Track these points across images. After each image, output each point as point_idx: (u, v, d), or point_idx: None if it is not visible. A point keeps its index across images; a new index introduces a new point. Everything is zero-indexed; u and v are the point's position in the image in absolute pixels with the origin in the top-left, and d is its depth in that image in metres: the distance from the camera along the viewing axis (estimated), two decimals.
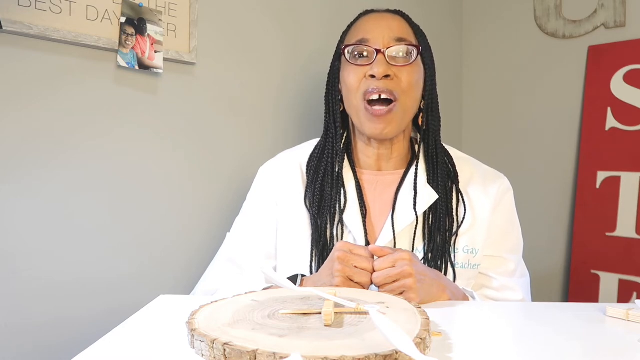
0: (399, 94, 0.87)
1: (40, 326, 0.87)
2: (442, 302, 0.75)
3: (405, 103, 0.88)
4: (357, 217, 0.89)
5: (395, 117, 0.88)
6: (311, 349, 0.44)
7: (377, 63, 0.86)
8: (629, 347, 0.54)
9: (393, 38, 0.88)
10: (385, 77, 0.86)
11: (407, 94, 0.88)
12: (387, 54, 0.87)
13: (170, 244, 1.05)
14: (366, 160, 0.96)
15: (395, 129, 0.90)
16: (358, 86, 0.89)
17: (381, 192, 0.93)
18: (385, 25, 0.90)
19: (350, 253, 0.73)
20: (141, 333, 0.57)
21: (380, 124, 0.88)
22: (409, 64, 0.88)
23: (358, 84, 0.89)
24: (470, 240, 0.90)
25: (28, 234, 0.86)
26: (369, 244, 0.88)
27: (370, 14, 0.95)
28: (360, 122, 0.91)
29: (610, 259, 1.54)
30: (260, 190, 0.98)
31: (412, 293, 0.70)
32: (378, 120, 0.88)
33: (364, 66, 0.88)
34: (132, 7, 0.94)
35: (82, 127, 0.92)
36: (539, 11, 1.74)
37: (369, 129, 0.89)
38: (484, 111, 1.89)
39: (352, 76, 0.89)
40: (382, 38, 0.88)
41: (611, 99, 1.58)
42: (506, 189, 0.96)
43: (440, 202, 0.90)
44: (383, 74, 0.86)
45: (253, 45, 1.19)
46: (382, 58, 0.87)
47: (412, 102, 0.90)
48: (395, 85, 0.87)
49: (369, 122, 0.89)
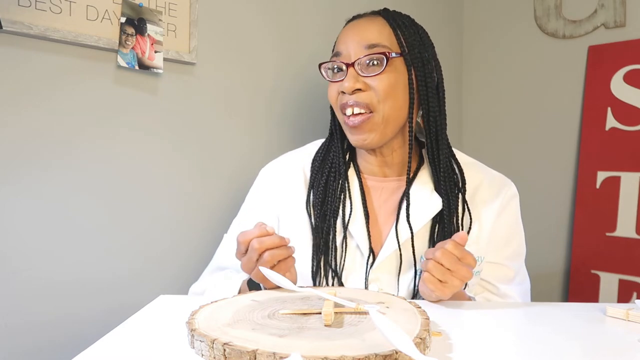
0: (375, 104, 0.85)
1: (40, 326, 0.87)
2: (442, 302, 0.75)
3: (384, 111, 0.86)
4: (361, 225, 0.88)
5: (374, 126, 0.86)
6: (311, 348, 0.44)
7: (347, 78, 0.85)
8: (629, 347, 0.54)
9: (364, 46, 0.85)
10: (356, 91, 0.85)
11: (384, 102, 0.85)
12: (358, 65, 0.85)
13: (170, 244, 1.05)
14: (369, 167, 0.94)
15: (379, 138, 0.87)
16: (335, 101, 0.89)
17: (386, 199, 0.92)
18: (357, 33, 0.87)
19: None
20: (141, 333, 0.57)
21: (359, 135, 0.87)
22: (382, 72, 0.85)
23: (336, 99, 0.89)
24: (475, 248, 0.88)
25: (28, 234, 0.86)
26: (373, 251, 0.87)
27: (350, 22, 0.92)
28: (346, 134, 0.91)
29: (610, 259, 1.54)
30: (260, 192, 0.97)
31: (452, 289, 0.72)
32: (356, 132, 0.87)
33: (338, 82, 0.88)
34: (132, 7, 0.94)
35: (82, 127, 0.92)
36: (539, 11, 1.74)
37: (352, 140, 0.89)
38: (484, 111, 1.89)
39: (330, 92, 0.90)
40: (353, 49, 0.86)
41: (611, 99, 1.58)
42: (512, 195, 0.94)
43: (446, 210, 0.88)
44: (351, 89, 0.85)
45: (253, 46, 1.19)
46: (353, 71, 0.85)
47: (394, 109, 0.86)
48: (369, 96, 0.85)
49: (350, 134, 0.89)
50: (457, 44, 1.92)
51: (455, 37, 1.91)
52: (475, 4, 1.90)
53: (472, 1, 1.91)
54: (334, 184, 0.91)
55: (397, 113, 0.87)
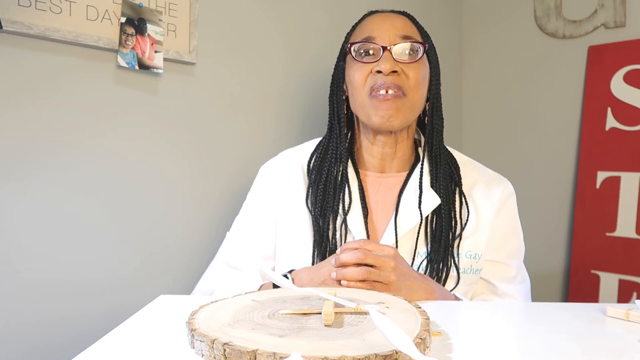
0: (406, 90, 0.88)
1: (40, 326, 0.87)
2: (442, 302, 0.75)
3: (414, 98, 0.89)
4: (359, 219, 0.89)
5: (403, 107, 0.88)
6: (311, 349, 0.44)
7: (383, 59, 0.87)
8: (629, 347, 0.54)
9: (399, 36, 0.88)
10: (392, 73, 0.87)
11: (415, 90, 0.88)
12: (394, 51, 0.87)
13: (170, 244, 1.05)
14: (370, 161, 0.95)
15: (402, 121, 0.89)
16: (364, 82, 0.89)
17: (384, 195, 0.93)
18: (390, 23, 0.90)
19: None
20: (141, 333, 0.57)
21: (388, 110, 0.87)
22: (415, 61, 0.88)
23: (364, 81, 0.89)
24: (474, 246, 0.89)
25: (28, 234, 0.86)
26: None
27: (375, 14, 0.95)
28: (367, 115, 0.90)
29: (610, 259, 1.54)
30: (261, 189, 0.98)
31: (392, 287, 0.70)
32: (386, 107, 0.87)
33: (370, 63, 0.89)
34: (132, 7, 0.94)
35: (82, 127, 0.92)
36: (539, 11, 1.74)
37: (378, 117, 0.88)
38: (484, 111, 1.89)
39: (358, 73, 0.90)
40: (388, 36, 0.88)
41: (611, 99, 1.58)
42: (509, 193, 0.95)
43: (443, 206, 0.89)
44: (390, 70, 0.86)
45: (253, 45, 1.19)
46: (389, 55, 0.87)
47: (419, 99, 0.91)
48: (403, 81, 0.88)
49: (375, 110, 0.88)
50: (457, 43, 1.92)
51: (455, 37, 1.91)
52: (475, 3, 1.90)
53: (472, 1, 1.91)
54: (333, 180, 0.92)
55: (421, 104, 0.92)
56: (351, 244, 0.74)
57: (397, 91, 0.87)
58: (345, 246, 0.74)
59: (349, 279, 0.70)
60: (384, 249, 0.73)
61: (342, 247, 0.74)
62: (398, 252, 0.75)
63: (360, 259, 0.70)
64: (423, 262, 0.87)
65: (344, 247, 0.74)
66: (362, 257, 0.70)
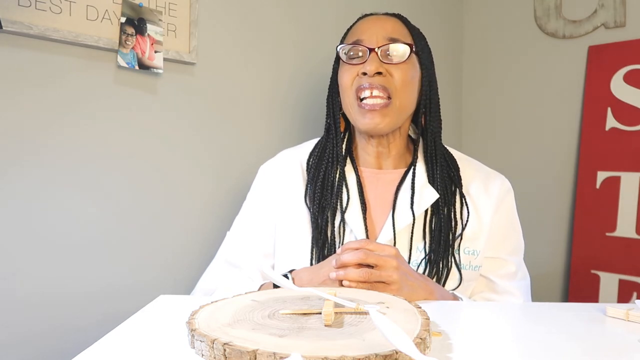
0: (392, 91, 0.88)
1: (40, 326, 0.87)
2: (442, 302, 0.75)
3: (400, 100, 0.89)
4: (358, 215, 0.89)
5: (390, 112, 0.89)
6: (311, 349, 0.44)
7: (369, 61, 0.88)
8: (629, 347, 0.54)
9: (386, 37, 0.89)
10: (377, 74, 0.87)
11: (401, 92, 0.89)
12: (380, 52, 0.88)
13: (171, 244, 1.05)
14: (367, 158, 0.96)
15: (390, 125, 0.90)
16: (351, 84, 0.90)
17: (382, 190, 0.93)
18: (379, 26, 0.91)
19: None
20: (141, 333, 0.57)
21: (374, 118, 0.88)
22: (402, 62, 0.89)
23: (351, 82, 0.90)
24: (471, 242, 0.90)
25: (28, 234, 0.86)
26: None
27: (367, 17, 0.96)
28: (354, 118, 0.92)
29: (610, 259, 1.54)
30: (260, 189, 0.98)
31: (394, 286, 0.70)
32: (372, 115, 0.88)
33: (357, 65, 0.90)
34: (132, 7, 0.94)
35: (82, 127, 0.92)
36: (539, 11, 1.74)
37: (363, 124, 0.90)
38: (484, 111, 1.89)
39: (346, 75, 0.91)
40: (376, 38, 0.89)
41: (611, 99, 1.58)
42: (507, 190, 0.96)
43: (441, 202, 0.90)
44: (375, 71, 0.87)
45: (253, 45, 1.19)
46: (375, 56, 0.88)
47: (407, 100, 0.91)
48: (388, 82, 0.88)
49: (362, 117, 0.89)
50: (457, 44, 1.92)
51: (455, 37, 1.91)
52: (475, 4, 1.90)
53: (472, 1, 1.91)
54: (332, 176, 0.92)
55: (409, 105, 0.92)
56: (352, 244, 0.74)
57: (382, 92, 0.87)
58: (346, 246, 0.74)
59: (349, 279, 0.70)
60: (385, 248, 0.73)
61: (343, 247, 0.74)
62: (399, 252, 0.75)
63: (362, 259, 0.70)
64: (422, 260, 0.87)
65: (345, 247, 0.74)
66: (363, 257, 0.70)
